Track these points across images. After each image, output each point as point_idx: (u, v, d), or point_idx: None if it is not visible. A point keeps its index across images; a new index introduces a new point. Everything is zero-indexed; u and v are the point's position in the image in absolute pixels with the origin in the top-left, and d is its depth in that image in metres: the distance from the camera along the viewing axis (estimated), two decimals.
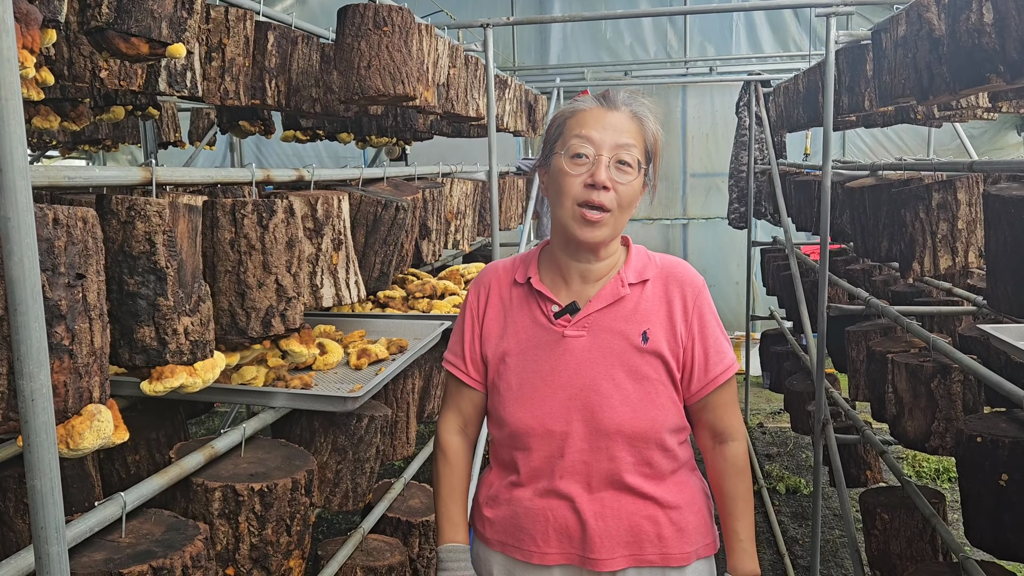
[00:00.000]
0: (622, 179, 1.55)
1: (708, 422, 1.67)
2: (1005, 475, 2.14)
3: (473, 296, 1.75)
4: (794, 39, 8.11)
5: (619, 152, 1.55)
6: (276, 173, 2.26)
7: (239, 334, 2.01)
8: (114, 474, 2.33)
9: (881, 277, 4.50)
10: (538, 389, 1.61)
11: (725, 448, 1.67)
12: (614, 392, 1.57)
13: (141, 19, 1.57)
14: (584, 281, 1.65)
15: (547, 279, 1.68)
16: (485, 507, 1.72)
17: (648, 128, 1.62)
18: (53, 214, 1.20)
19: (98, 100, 2.86)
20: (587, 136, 1.55)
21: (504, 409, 1.64)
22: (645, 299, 1.63)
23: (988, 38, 2.27)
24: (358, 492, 2.48)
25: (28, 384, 1.08)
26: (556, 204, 1.59)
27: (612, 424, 1.57)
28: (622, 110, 1.59)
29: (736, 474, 1.67)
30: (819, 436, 3.87)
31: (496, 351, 1.68)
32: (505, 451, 1.68)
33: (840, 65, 3.82)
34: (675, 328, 1.61)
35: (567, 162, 1.56)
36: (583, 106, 1.62)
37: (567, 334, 1.61)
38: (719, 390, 1.64)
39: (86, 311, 1.29)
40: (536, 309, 1.66)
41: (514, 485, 1.66)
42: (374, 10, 2.74)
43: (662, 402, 1.59)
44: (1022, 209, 1.98)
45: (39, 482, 1.09)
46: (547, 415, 1.60)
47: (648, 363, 1.59)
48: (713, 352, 1.63)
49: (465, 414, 1.77)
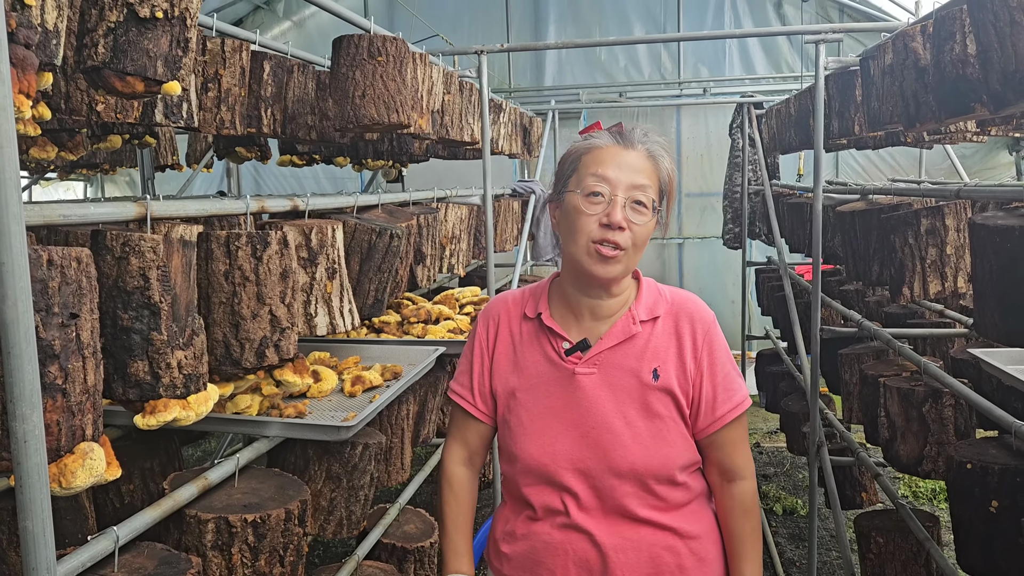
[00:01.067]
0: (637, 219, 1.55)
1: (716, 459, 1.66)
2: (995, 501, 2.15)
3: (482, 328, 1.75)
4: (787, 60, 8.19)
5: (635, 193, 1.55)
6: (271, 204, 2.28)
7: (233, 365, 2.02)
8: (108, 504, 2.34)
9: (875, 298, 4.53)
10: (550, 426, 1.61)
11: (733, 487, 1.66)
12: (625, 430, 1.57)
13: (137, 58, 1.60)
14: (595, 317, 1.64)
15: (557, 315, 1.67)
16: (502, 543, 1.71)
17: (663, 167, 1.62)
18: (47, 255, 1.22)
19: (95, 130, 2.89)
20: (603, 175, 1.55)
21: (516, 445, 1.64)
22: (656, 336, 1.62)
23: (972, 68, 2.31)
24: (352, 520, 2.48)
25: (21, 426, 1.09)
26: (570, 241, 1.59)
27: (624, 462, 1.56)
28: (638, 149, 1.60)
29: (743, 513, 1.65)
30: (814, 458, 3.88)
31: (506, 386, 1.68)
32: (518, 487, 1.67)
33: (830, 90, 3.86)
34: (685, 364, 1.61)
35: (583, 200, 1.55)
36: (599, 143, 1.62)
37: (578, 371, 1.60)
38: (727, 428, 1.62)
39: (79, 350, 1.31)
40: (547, 345, 1.65)
41: (531, 520, 1.65)
42: (368, 40, 2.77)
43: (673, 439, 1.59)
44: (1007, 238, 2.00)
45: (30, 523, 1.11)
46: (559, 452, 1.60)
47: (659, 400, 1.59)
48: (722, 390, 1.62)
49: (471, 445, 1.78)
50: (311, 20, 8.79)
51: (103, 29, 1.57)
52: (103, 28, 1.57)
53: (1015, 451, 2.27)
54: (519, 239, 5.55)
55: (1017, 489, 2.14)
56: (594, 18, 8.48)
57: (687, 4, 8.26)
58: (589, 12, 8.49)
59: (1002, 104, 2.12)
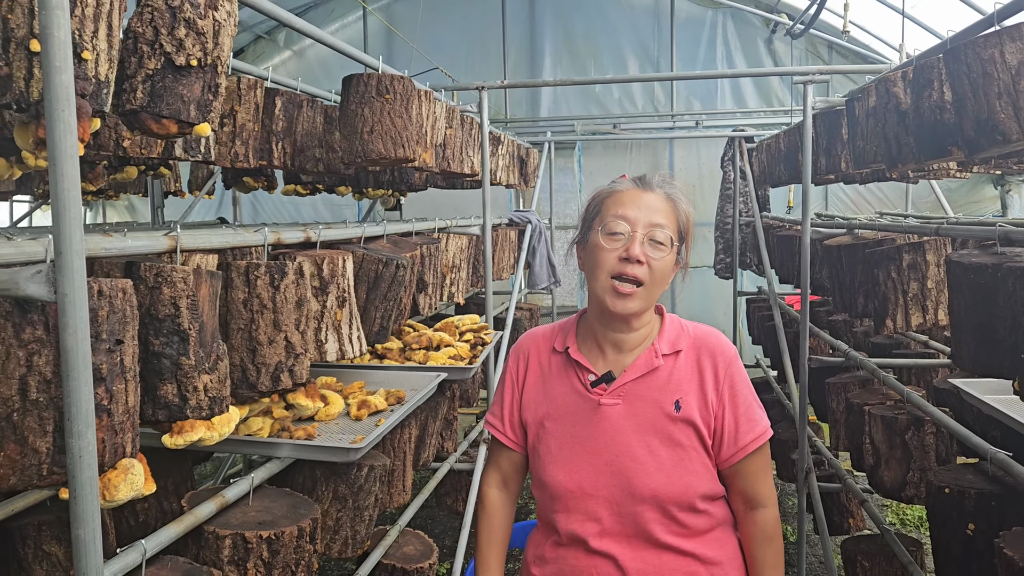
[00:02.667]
0: (655, 255, 1.65)
1: (739, 488, 1.71)
2: (972, 525, 2.26)
3: (513, 362, 1.86)
4: (777, 95, 8.39)
5: (653, 231, 1.65)
6: (287, 235, 2.40)
7: (250, 388, 2.13)
8: (123, 521, 2.43)
9: (862, 328, 4.66)
10: (576, 454, 1.70)
11: (756, 514, 1.71)
12: (649, 459, 1.65)
13: (172, 102, 1.72)
14: (619, 351, 1.73)
15: (584, 348, 1.77)
16: (533, 566, 1.81)
17: (681, 209, 1.73)
18: (98, 287, 1.34)
19: (113, 161, 3.01)
20: (623, 215, 1.66)
21: (544, 472, 1.74)
22: (678, 369, 1.69)
23: (949, 114, 2.46)
24: (357, 539, 2.57)
25: (76, 442, 1.20)
26: (592, 277, 1.70)
27: (647, 489, 1.64)
28: (657, 192, 1.71)
29: (766, 540, 1.71)
30: (802, 484, 3.99)
31: (535, 416, 1.78)
32: (547, 512, 1.77)
33: (818, 128, 4.02)
34: (707, 397, 1.67)
35: (604, 238, 1.66)
36: (620, 187, 1.74)
37: (603, 402, 1.69)
38: (750, 458, 1.68)
39: (123, 373, 1.42)
40: (574, 377, 1.75)
41: (558, 544, 1.74)
42: (377, 79, 2.91)
43: (695, 468, 1.66)
44: (980, 275, 2.13)
45: (83, 531, 1.21)
46: (585, 479, 1.68)
47: (681, 431, 1.66)
48: (744, 421, 1.67)
49: (504, 471, 1.88)
50: (311, 50, 8.97)
51: (142, 76, 1.70)
52: (142, 75, 1.70)
53: (991, 477, 2.39)
54: (515, 268, 5.68)
55: (992, 513, 2.25)
56: (589, 52, 8.68)
57: (680, 39, 8.47)
58: (584, 46, 8.69)
59: (976, 149, 2.26)
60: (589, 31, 8.68)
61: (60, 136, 1.15)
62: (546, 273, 6.00)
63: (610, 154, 8.69)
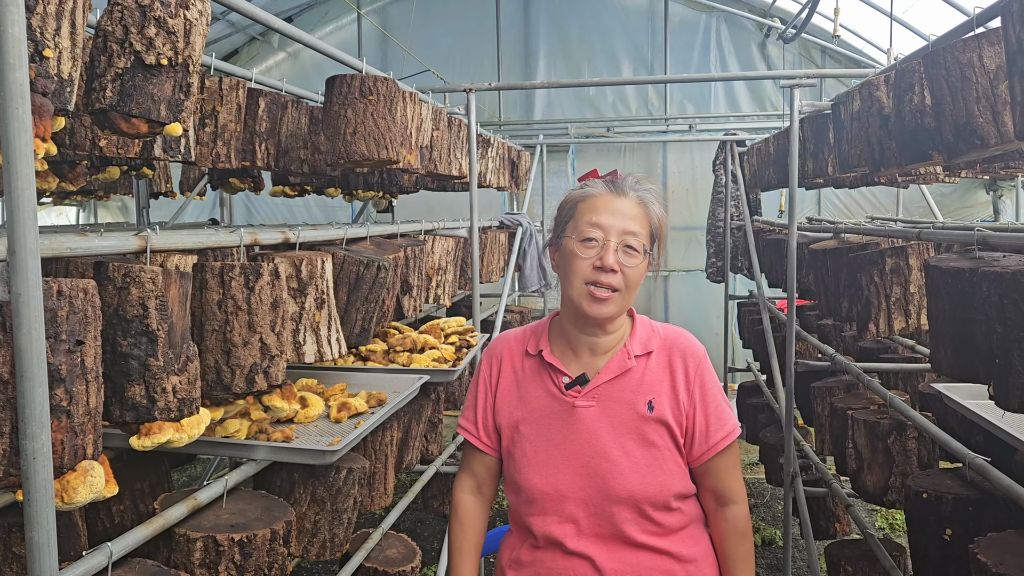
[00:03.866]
0: (629, 262, 1.66)
1: (711, 485, 1.74)
2: (949, 529, 2.25)
3: (486, 366, 1.86)
4: (770, 99, 8.40)
5: (626, 238, 1.67)
6: (263, 236, 2.39)
7: (224, 390, 2.12)
8: (99, 523, 2.41)
9: (850, 332, 4.65)
10: (552, 457, 1.71)
11: (727, 511, 1.74)
12: (624, 459, 1.67)
13: (142, 101, 1.71)
14: (592, 353, 1.74)
15: (558, 351, 1.78)
16: (508, 570, 1.80)
17: (653, 212, 1.74)
18: (57, 286, 1.33)
19: (95, 162, 3.00)
20: (597, 222, 1.67)
21: (520, 476, 1.74)
22: (650, 370, 1.72)
23: (929, 118, 2.45)
24: (335, 542, 2.56)
25: (30, 443, 1.19)
26: (566, 283, 1.71)
27: (623, 490, 1.66)
28: (629, 196, 1.72)
29: (737, 536, 1.74)
30: (789, 488, 3.98)
31: (510, 420, 1.78)
32: (523, 515, 1.76)
33: (805, 132, 4.02)
34: (678, 396, 1.70)
35: (578, 245, 1.68)
36: (593, 191, 1.74)
37: (578, 405, 1.70)
38: (720, 455, 1.71)
39: (83, 374, 1.40)
40: (548, 380, 1.76)
41: (534, 548, 1.74)
42: (360, 80, 2.90)
43: (669, 467, 1.69)
44: (958, 280, 2.13)
45: (37, 534, 1.20)
46: (561, 481, 1.69)
47: (655, 431, 1.68)
48: (714, 419, 1.71)
49: (478, 476, 1.87)
50: (305, 52, 8.96)
51: (112, 74, 1.69)
52: (112, 73, 1.69)
53: (969, 482, 2.38)
54: (505, 270, 5.67)
55: (969, 518, 2.25)
56: (583, 55, 8.69)
57: (674, 43, 8.48)
58: (578, 49, 8.70)
59: (955, 153, 2.26)
60: (583, 34, 8.69)
61: (14, 134, 1.15)
62: (536, 276, 6.00)
63: (603, 157, 8.69)
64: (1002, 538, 2.00)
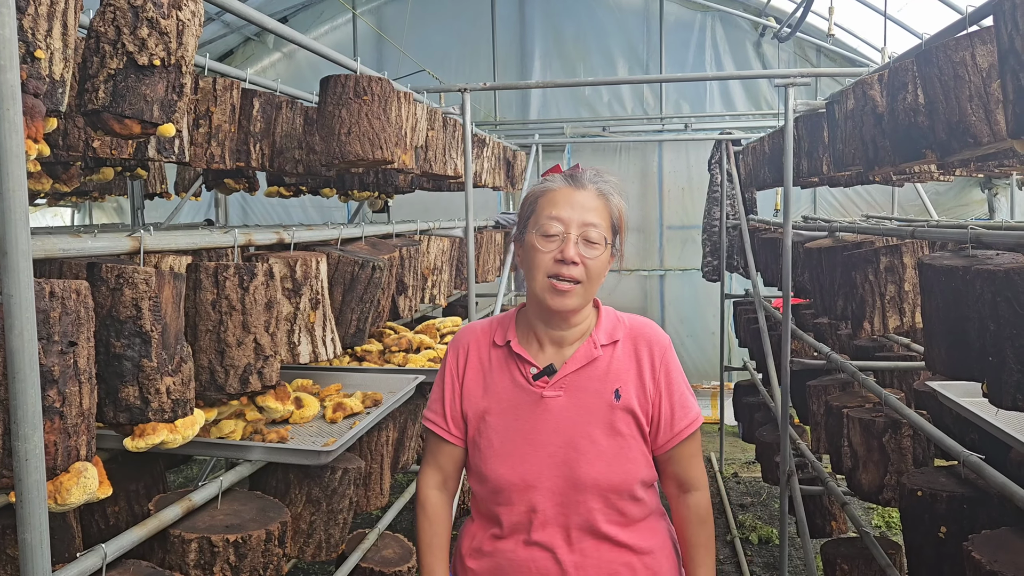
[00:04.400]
0: (590, 254, 1.68)
1: (673, 473, 1.78)
2: (943, 528, 2.26)
3: (452, 357, 1.86)
4: (765, 98, 8.40)
5: (586, 230, 1.68)
6: (258, 237, 2.39)
7: (218, 390, 2.12)
8: (94, 525, 2.41)
9: (846, 331, 4.66)
10: (519, 447, 1.72)
11: (688, 498, 1.78)
12: (590, 448, 1.69)
13: (135, 102, 1.71)
14: (559, 344, 1.77)
15: (524, 342, 1.80)
16: (468, 558, 1.81)
17: (613, 204, 1.76)
18: (50, 288, 1.32)
19: (89, 163, 2.99)
20: (557, 216, 1.69)
21: (486, 466, 1.74)
22: (616, 359, 1.75)
23: (922, 117, 2.46)
24: (331, 543, 2.56)
25: (23, 445, 1.18)
26: (530, 277, 1.73)
27: (588, 478, 1.68)
28: (588, 188, 1.74)
29: (699, 522, 1.78)
30: (785, 487, 3.99)
31: (477, 410, 1.79)
32: (487, 505, 1.78)
33: (800, 131, 4.03)
34: (644, 385, 1.73)
35: (539, 240, 1.70)
36: (553, 186, 1.76)
37: (545, 395, 1.72)
38: (684, 443, 1.75)
39: (76, 375, 1.40)
40: (515, 371, 1.77)
41: (496, 537, 1.75)
42: (355, 80, 2.90)
43: (634, 455, 1.71)
44: (952, 278, 2.13)
45: (29, 535, 1.20)
46: (528, 471, 1.70)
47: (621, 419, 1.71)
48: (679, 407, 1.74)
49: (445, 470, 1.87)
50: (300, 52, 8.94)
51: (104, 75, 1.69)
52: (104, 74, 1.69)
53: (963, 480, 2.39)
54: (501, 270, 5.67)
55: (964, 516, 2.25)
56: (578, 55, 8.69)
57: (669, 43, 8.48)
58: (574, 49, 8.70)
59: (948, 152, 2.26)
60: (579, 34, 8.69)
61: (6, 135, 1.14)
62: None
63: (599, 157, 8.69)
64: (996, 536, 2.00)
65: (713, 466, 6.86)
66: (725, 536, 5.37)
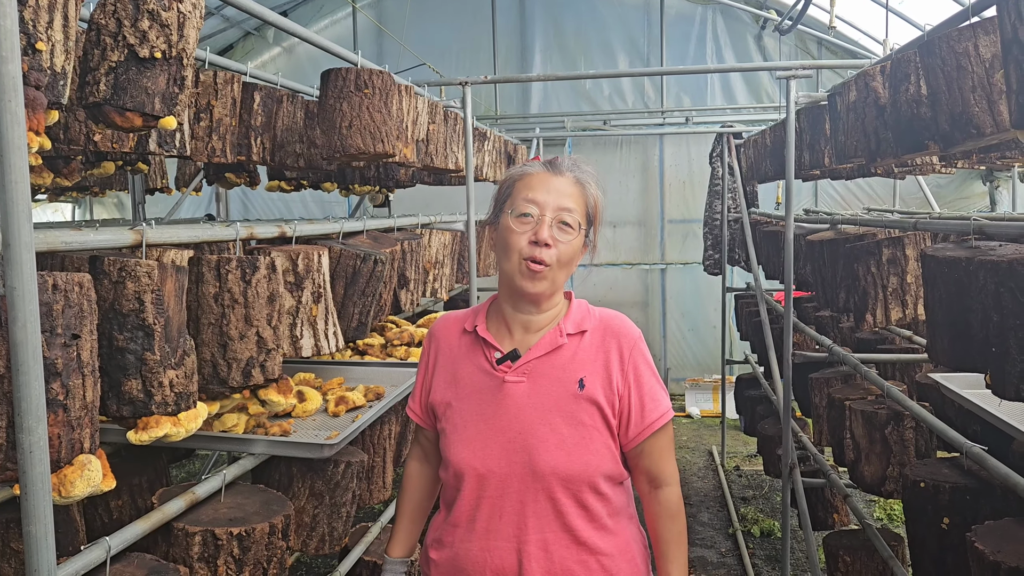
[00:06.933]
0: (563, 238, 1.68)
1: (644, 467, 1.76)
2: (947, 519, 2.26)
3: (425, 347, 1.89)
4: (767, 91, 8.39)
5: (561, 214, 1.68)
6: (259, 230, 2.39)
7: (220, 384, 2.11)
8: (97, 518, 2.42)
9: (848, 323, 4.66)
10: (480, 432, 1.71)
11: (660, 493, 1.75)
12: (550, 436, 1.67)
13: (136, 95, 1.71)
14: (527, 331, 1.76)
15: (493, 328, 1.80)
16: (431, 549, 1.81)
17: (589, 192, 1.76)
18: (52, 280, 1.32)
19: (89, 157, 2.99)
20: (533, 198, 1.69)
21: (448, 450, 1.75)
22: (583, 349, 1.74)
23: (925, 108, 2.45)
24: (334, 536, 2.56)
25: (27, 437, 1.18)
26: (503, 258, 1.72)
27: (547, 466, 1.66)
28: (566, 175, 1.74)
29: (669, 517, 1.75)
30: (787, 480, 3.99)
31: (443, 397, 1.79)
32: (450, 492, 1.78)
33: (801, 124, 4.02)
34: (611, 377, 1.72)
35: (514, 221, 1.69)
36: (531, 170, 1.76)
37: (507, 380, 1.71)
38: (654, 436, 1.72)
39: (79, 368, 1.40)
40: (481, 356, 1.77)
41: (454, 527, 1.74)
42: (356, 74, 2.89)
43: (596, 447, 1.69)
44: (954, 269, 2.13)
45: (34, 528, 1.20)
46: (488, 457, 1.70)
47: (584, 410, 1.69)
48: (648, 400, 1.71)
49: (425, 448, 1.93)
50: (301, 47, 8.93)
51: (105, 68, 1.68)
52: (105, 67, 1.68)
53: (966, 471, 2.39)
54: None
55: (967, 507, 2.25)
56: (579, 48, 8.67)
57: (670, 36, 8.47)
58: (574, 42, 8.68)
59: (951, 143, 2.26)
60: (579, 28, 8.67)
61: (7, 127, 1.14)
62: None
63: (600, 150, 8.68)
64: (999, 526, 2.00)
65: (715, 459, 6.86)
66: (727, 529, 5.38)
